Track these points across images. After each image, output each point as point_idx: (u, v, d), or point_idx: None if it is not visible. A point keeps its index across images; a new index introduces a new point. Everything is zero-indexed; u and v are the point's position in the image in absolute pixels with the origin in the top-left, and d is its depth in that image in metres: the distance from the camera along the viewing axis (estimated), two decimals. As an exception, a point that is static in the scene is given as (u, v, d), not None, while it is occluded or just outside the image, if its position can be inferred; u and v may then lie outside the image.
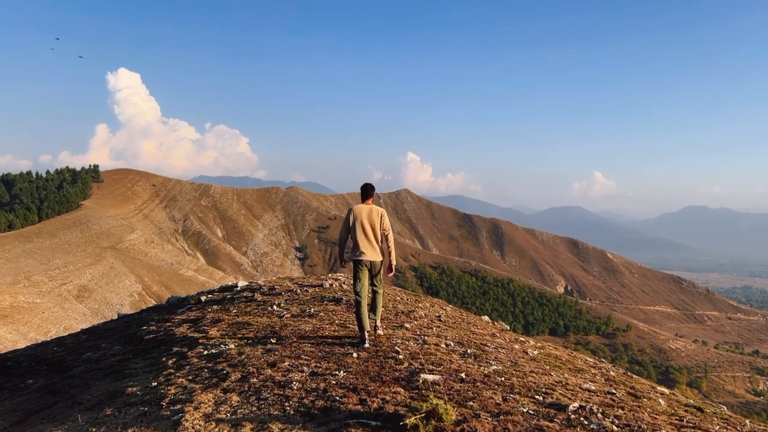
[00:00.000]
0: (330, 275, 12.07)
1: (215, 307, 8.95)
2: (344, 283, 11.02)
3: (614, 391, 4.52)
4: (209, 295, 10.73)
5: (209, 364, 5.06)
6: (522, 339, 7.35)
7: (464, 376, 4.42)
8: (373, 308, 6.37)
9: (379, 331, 6.40)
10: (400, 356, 5.11)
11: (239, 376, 4.58)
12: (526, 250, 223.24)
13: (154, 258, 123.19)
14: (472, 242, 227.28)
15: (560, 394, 4.13)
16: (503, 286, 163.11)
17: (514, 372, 4.75)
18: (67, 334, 10.94)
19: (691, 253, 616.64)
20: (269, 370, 4.65)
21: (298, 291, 9.84)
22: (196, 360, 5.31)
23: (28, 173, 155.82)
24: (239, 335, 6.35)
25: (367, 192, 6.53)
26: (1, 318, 71.35)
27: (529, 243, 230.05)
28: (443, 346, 5.77)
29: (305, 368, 4.71)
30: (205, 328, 6.98)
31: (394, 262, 6.31)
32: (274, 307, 8.28)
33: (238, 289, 11.08)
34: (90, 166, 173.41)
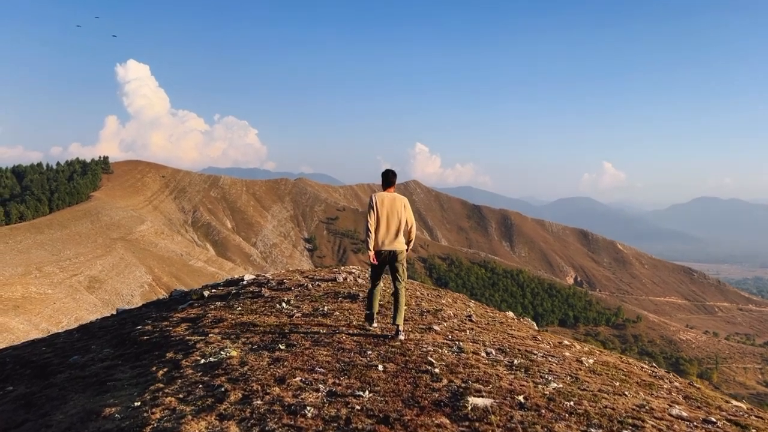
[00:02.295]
0: (343, 268, 11.20)
1: (218, 303, 8.13)
2: (359, 277, 10.16)
3: (713, 419, 3.58)
4: (213, 290, 9.90)
5: (205, 378, 4.20)
6: (566, 342, 6.42)
7: (523, 400, 3.48)
8: (395, 309, 5.90)
9: (401, 337, 5.73)
10: (436, 370, 4.19)
11: (240, 395, 3.70)
12: (536, 241, 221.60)
13: (163, 249, 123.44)
14: (481, 233, 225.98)
15: (653, 426, 3.20)
16: (512, 277, 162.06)
17: (580, 391, 3.83)
18: (64, 330, 10.21)
19: (702, 244, 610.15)
20: (277, 388, 3.76)
21: (310, 286, 8.99)
22: (190, 371, 4.45)
23: (39, 165, 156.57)
24: (243, 339, 5.50)
25: (388, 179, 6.24)
26: (13, 309, 71.74)
27: (539, 234, 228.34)
28: (483, 354, 4.86)
29: (321, 386, 3.81)
30: (205, 329, 6.14)
31: (410, 249, 6.34)
32: (283, 304, 7.44)
33: (245, 283, 10.26)
34: (100, 157, 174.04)
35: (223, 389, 3.83)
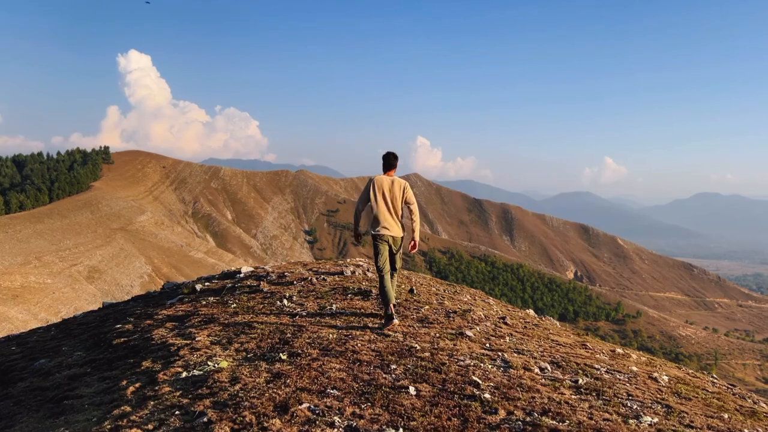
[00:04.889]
0: (350, 261, 10.20)
1: (211, 299, 7.19)
2: (368, 271, 9.16)
3: None
4: (206, 283, 8.96)
5: (185, 400, 3.22)
6: (620, 351, 5.35)
7: (620, 446, 2.51)
8: None
9: (395, 321, 5.55)
10: (486, 394, 3.20)
11: (227, 431, 2.77)
12: (536, 235, 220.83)
13: (164, 240, 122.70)
14: (482, 227, 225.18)
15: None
16: (512, 271, 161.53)
17: (686, 429, 2.85)
18: (46, 324, 9.27)
19: (702, 240, 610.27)
20: (278, 420, 2.75)
21: (314, 280, 8.03)
22: (167, 389, 3.48)
23: (39, 154, 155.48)
24: (236, 345, 4.51)
25: (389, 162, 5.85)
26: (12, 298, 71.03)
27: (539, 228, 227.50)
28: (537, 371, 3.87)
29: (336, 418, 2.84)
30: (193, 330, 5.18)
31: (418, 238, 5.83)
32: (285, 301, 6.50)
33: (242, 276, 9.30)
34: (101, 147, 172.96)
35: (205, 419, 2.85)
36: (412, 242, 5.86)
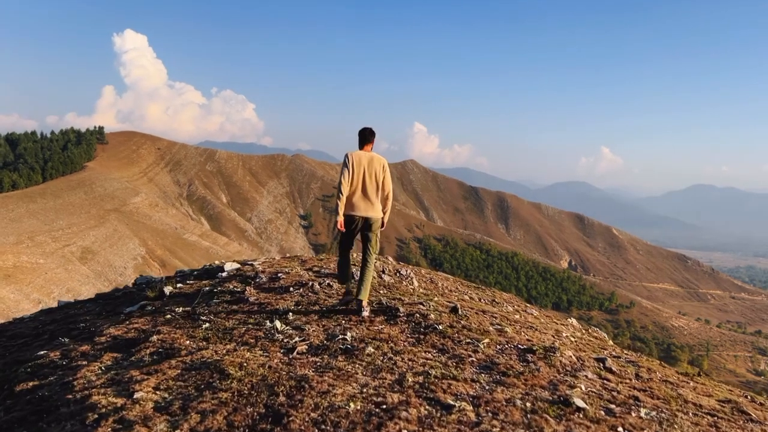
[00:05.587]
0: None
1: (179, 309, 5.70)
2: (384, 273, 7.76)
3: None
4: (180, 285, 7.51)
5: None
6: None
7: None
8: (359, 283, 5.39)
9: (365, 313, 5.19)
10: None
11: None
12: (531, 224, 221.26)
13: (158, 222, 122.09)
14: (477, 215, 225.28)
15: None
16: (507, 259, 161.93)
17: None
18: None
19: (696, 231, 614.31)
20: None
21: (316, 286, 6.55)
22: None
23: (33, 133, 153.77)
24: (193, 418, 2.88)
25: (365, 137, 5.50)
26: (4, 278, 70.48)
27: (535, 217, 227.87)
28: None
29: None
30: (135, 375, 3.58)
31: (386, 219, 5.63)
32: (277, 323, 4.87)
33: (224, 275, 7.77)
34: (95, 127, 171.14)
35: None
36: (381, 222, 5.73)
